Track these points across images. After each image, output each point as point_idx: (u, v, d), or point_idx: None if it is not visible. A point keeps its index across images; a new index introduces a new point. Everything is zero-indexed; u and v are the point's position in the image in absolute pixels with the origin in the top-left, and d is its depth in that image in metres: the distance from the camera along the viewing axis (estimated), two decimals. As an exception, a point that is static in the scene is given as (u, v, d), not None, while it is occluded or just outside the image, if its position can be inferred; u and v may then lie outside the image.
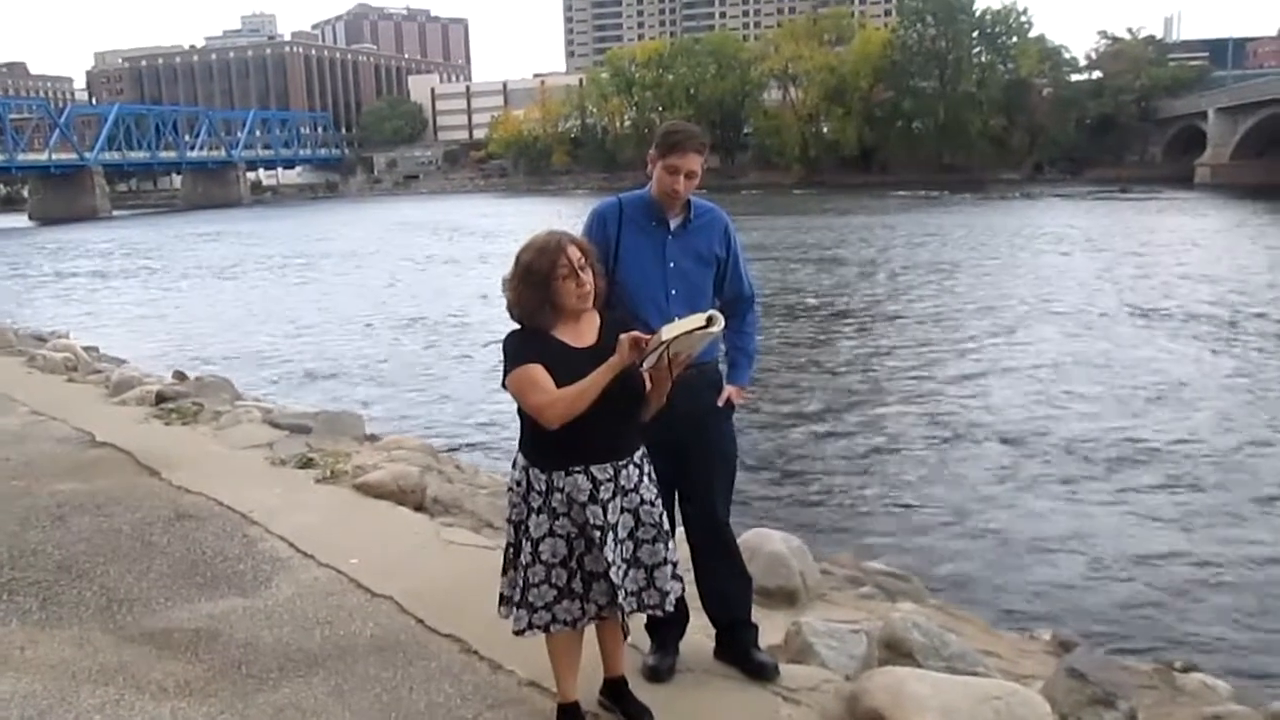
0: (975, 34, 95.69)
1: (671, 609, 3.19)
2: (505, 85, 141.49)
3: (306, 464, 6.45)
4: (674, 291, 3.42)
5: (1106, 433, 10.84)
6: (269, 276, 32.75)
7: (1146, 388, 12.89)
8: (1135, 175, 77.34)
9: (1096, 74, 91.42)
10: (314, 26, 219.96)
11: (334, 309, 23.57)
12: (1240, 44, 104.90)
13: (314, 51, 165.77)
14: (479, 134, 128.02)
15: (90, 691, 3.57)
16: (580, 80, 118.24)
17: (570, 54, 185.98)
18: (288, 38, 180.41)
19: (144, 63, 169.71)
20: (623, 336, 2.84)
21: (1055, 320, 18.40)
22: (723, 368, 3.65)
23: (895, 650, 3.84)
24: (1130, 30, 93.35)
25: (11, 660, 3.83)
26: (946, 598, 5.99)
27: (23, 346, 12.18)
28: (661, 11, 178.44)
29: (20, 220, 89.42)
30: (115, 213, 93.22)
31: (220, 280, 32.16)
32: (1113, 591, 6.96)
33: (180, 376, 10.91)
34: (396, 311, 22.55)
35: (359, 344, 18.48)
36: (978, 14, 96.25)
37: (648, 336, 2.84)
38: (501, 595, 3.19)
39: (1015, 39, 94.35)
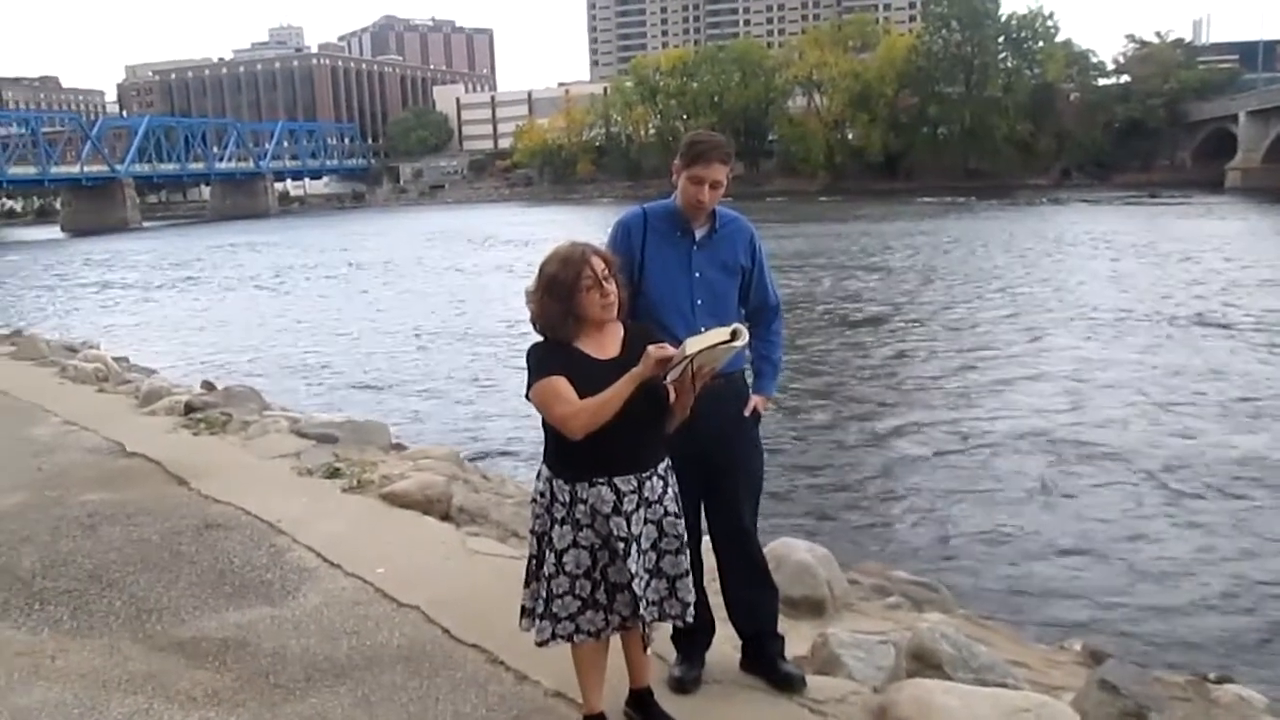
0: (1001, 39, 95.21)
1: (692, 619, 3.18)
2: (530, 95, 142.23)
3: (333, 473, 6.48)
4: (699, 302, 3.41)
5: (1136, 440, 10.72)
6: (296, 287, 32.99)
7: (1180, 395, 12.74)
8: (1164, 180, 76.63)
9: (1124, 78, 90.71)
10: (340, 38, 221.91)
11: (360, 319, 23.70)
12: (1271, 46, 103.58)
13: (340, 63, 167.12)
14: (504, 143, 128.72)
15: (120, 700, 3.60)
16: (605, 89, 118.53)
17: (595, 63, 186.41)
18: (314, 50, 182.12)
19: (174, 75, 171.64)
20: (649, 349, 2.84)
21: (1086, 327, 18.23)
22: (748, 377, 3.64)
23: (923, 661, 3.80)
24: (1158, 33, 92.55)
25: (43, 669, 3.87)
26: (974, 608, 5.93)
27: (55, 357, 12.31)
28: (685, 20, 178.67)
29: (53, 232, 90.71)
30: (145, 224, 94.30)
31: (248, 291, 32.43)
32: (1144, 602, 6.86)
33: (209, 387, 10.99)
34: (422, 321, 22.65)
35: (385, 353, 18.57)
36: (1003, 19, 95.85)
37: (672, 351, 2.83)
38: (523, 608, 3.19)
39: (1041, 43, 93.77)
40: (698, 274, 3.44)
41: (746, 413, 3.51)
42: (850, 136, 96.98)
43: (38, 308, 29.85)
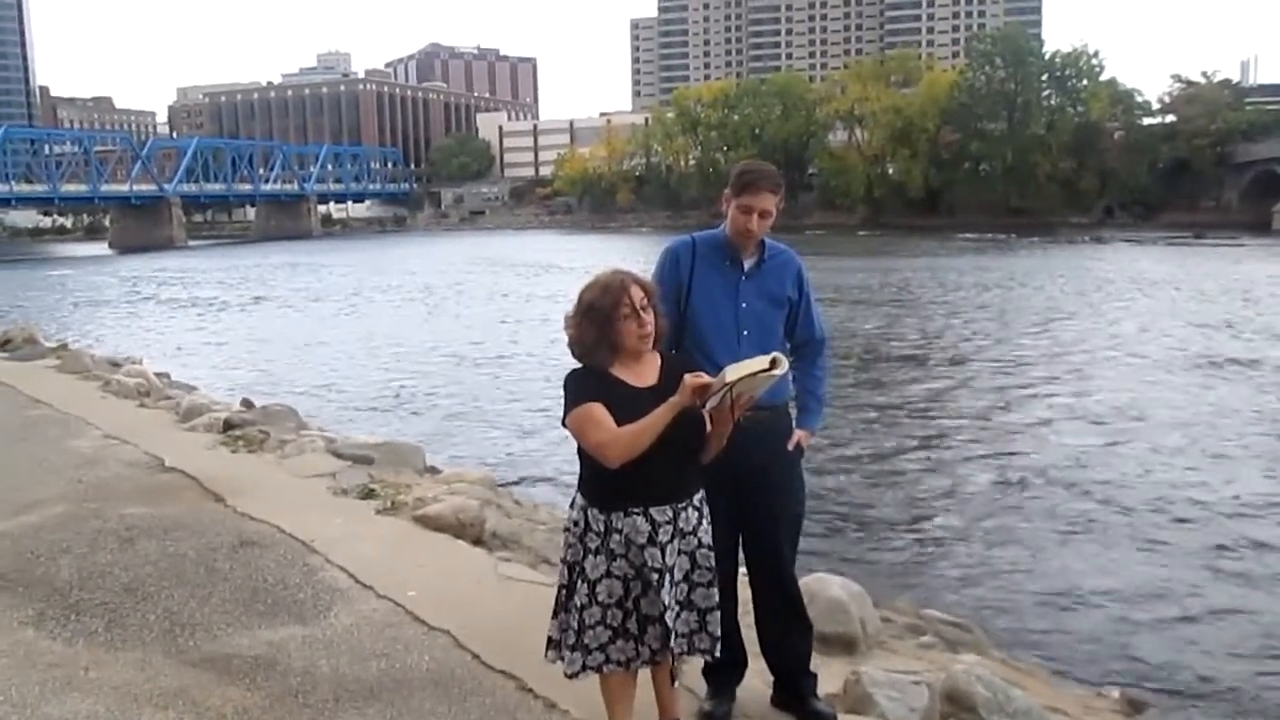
0: (1045, 77, 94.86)
1: (720, 654, 3.15)
2: (572, 123, 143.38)
3: (368, 494, 6.51)
4: (746, 332, 3.40)
5: (1178, 485, 10.53)
6: (337, 308, 33.34)
7: (1225, 441, 12.50)
8: (1210, 221, 75.67)
9: (1170, 118, 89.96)
10: (387, 64, 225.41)
11: (399, 341, 23.88)
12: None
13: (386, 89, 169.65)
14: (545, 171, 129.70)
15: (150, 715, 3.62)
16: (646, 119, 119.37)
17: (636, 93, 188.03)
18: (361, 75, 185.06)
19: (223, 98, 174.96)
20: (686, 378, 2.83)
21: (1128, 369, 17.99)
22: (792, 410, 3.62)
23: (958, 704, 3.74)
24: (1205, 74, 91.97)
25: (76, 680, 3.90)
26: (1009, 650, 5.84)
27: (98, 371, 12.49)
28: (728, 52, 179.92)
29: (101, 248, 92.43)
30: (191, 243, 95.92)
31: (289, 310, 32.82)
32: (1183, 651, 6.71)
33: (247, 404, 11.10)
34: (460, 345, 22.78)
35: (422, 376, 18.68)
36: (1047, 56, 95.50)
37: (710, 379, 2.82)
38: (550, 639, 3.17)
39: (1086, 82, 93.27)
40: (744, 304, 3.44)
41: (790, 446, 3.48)
42: (891, 171, 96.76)
43: (83, 322, 30.35)
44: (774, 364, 2.79)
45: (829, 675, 3.86)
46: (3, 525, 5.85)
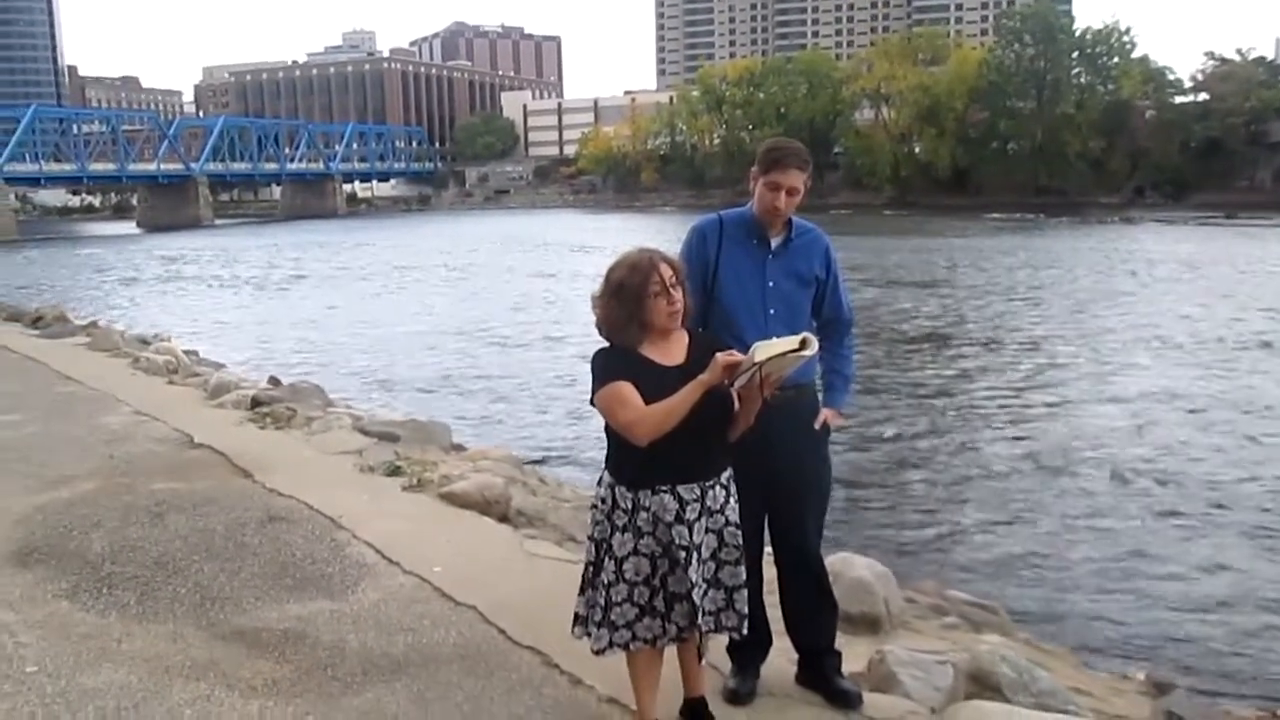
0: (1075, 54, 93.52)
1: (747, 632, 3.16)
2: (596, 102, 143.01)
3: (394, 472, 6.56)
4: (773, 311, 3.38)
5: (1207, 467, 10.44)
6: (362, 285, 33.50)
7: (1253, 424, 12.37)
8: (1243, 201, 74.50)
9: (1203, 96, 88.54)
10: (412, 43, 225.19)
11: (424, 319, 23.99)
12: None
13: (411, 67, 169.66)
14: (569, 150, 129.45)
15: (182, 686, 3.67)
16: (670, 98, 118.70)
17: (661, 71, 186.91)
18: (386, 54, 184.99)
19: (249, 77, 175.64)
20: (718, 356, 2.82)
21: (1156, 350, 17.83)
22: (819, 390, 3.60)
23: (982, 684, 3.73)
24: (1239, 51, 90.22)
25: (109, 651, 3.96)
26: (1033, 631, 5.82)
27: (128, 349, 12.63)
28: (754, 30, 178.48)
29: (129, 227, 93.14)
30: (217, 221, 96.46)
31: (315, 288, 33.00)
32: (1209, 632, 6.67)
33: (275, 382, 11.20)
34: (485, 324, 22.84)
35: (448, 354, 18.76)
36: (1078, 34, 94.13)
37: (740, 357, 2.82)
38: (577, 615, 3.18)
39: (1117, 60, 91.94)
40: (771, 283, 3.42)
41: (817, 426, 3.47)
42: (918, 150, 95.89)
43: (113, 300, 30.66)
44: (804, 344, 2.78)
45: (853, 654, 3.87)
46: (36, 500, 5.94)
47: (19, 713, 3.49)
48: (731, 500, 3.09)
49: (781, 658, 3.67)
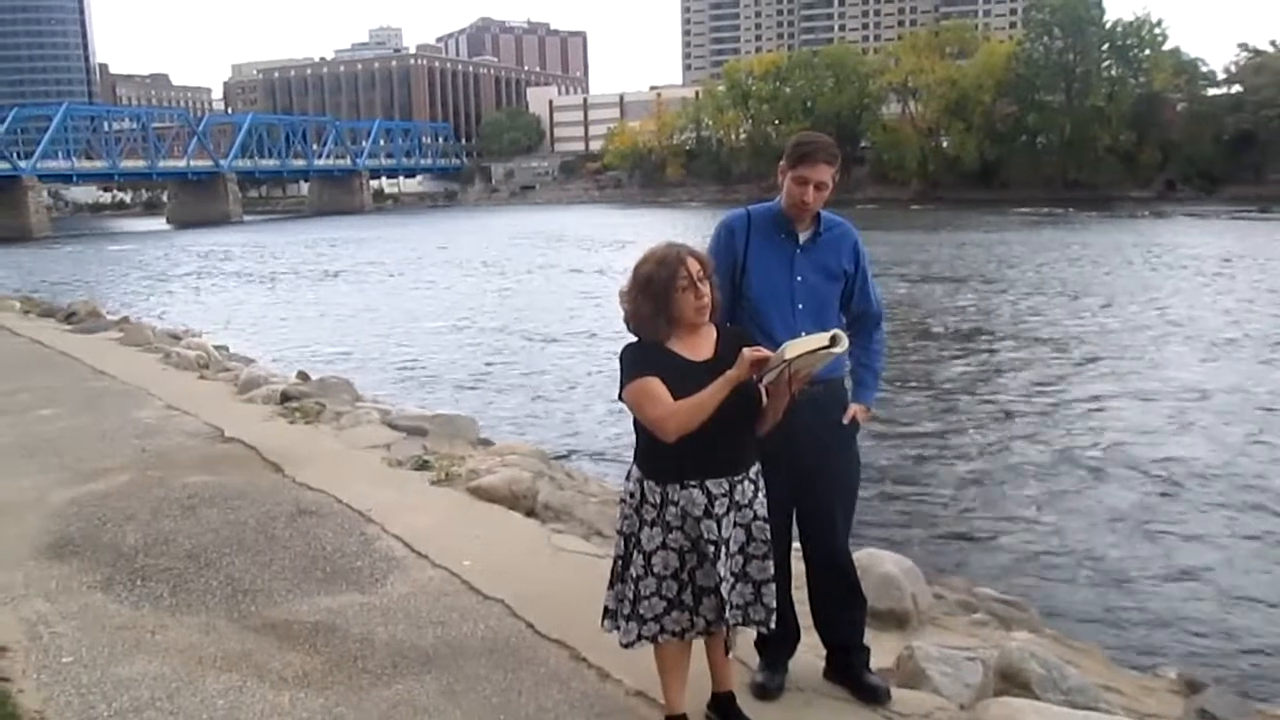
0: (1105, 46, 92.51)
1: (774, 626, 3.16)
2: (622, 97, 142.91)
3: (422, 466, 6.59)
4: (801, 306, 3.37)
5: (1237, 465, 10.32)
6: (390, 281, 33.67)
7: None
8: (1276, 194, 73.52)
9: (1236, 88, 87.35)
10: (438, 39, 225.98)
11: (451, 315, 24.07)
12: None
13: (437, 63, 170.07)
14: (595, 145, 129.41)
15: (215, 677, 3.72)
16: (696, 93, 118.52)
17: (687, 66, 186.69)
18: (412, 50, 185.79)
19: (277, 74, 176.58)
20: (745, 351, 2.82)
21: (1190, 347, 17.62)
22: (848, 385, 3.59)
23: (1011, 680, 3.71)
24: (1274, 42, 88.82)
25: (143, 643, 4.01)
26: (1063, 629, 5.77)
27: (159, 344, 12.76)
28: (780, 24, 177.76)
29: (159, 223, 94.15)
30: (246, 218, 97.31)
31: (344, 284, 33.21)
32: (1241, 631, 6.60)
33: (304, 377, 11.27)
34: (511, 319, 22.91)
35: (475, 349, 18.84)
36: (1108, 26, 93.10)
37: (768, 353, 2.81)
38: (606, 609, 3.19)
39: (1148, 52, 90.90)
40: (800, 278, 3.40)
41: (845, 421, 3.46)
42: (945, 145, 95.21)
43: (144, 296, 30.99)
44: (834, 341, 2.77)
45: (881, 650, 3.86)
46: (71, 493, 6.02)
47: (56, 702, 3.54)
48: (760, 495, 3.09)
49: (810, 653, 3.67)
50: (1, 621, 4.21)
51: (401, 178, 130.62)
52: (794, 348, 2.76)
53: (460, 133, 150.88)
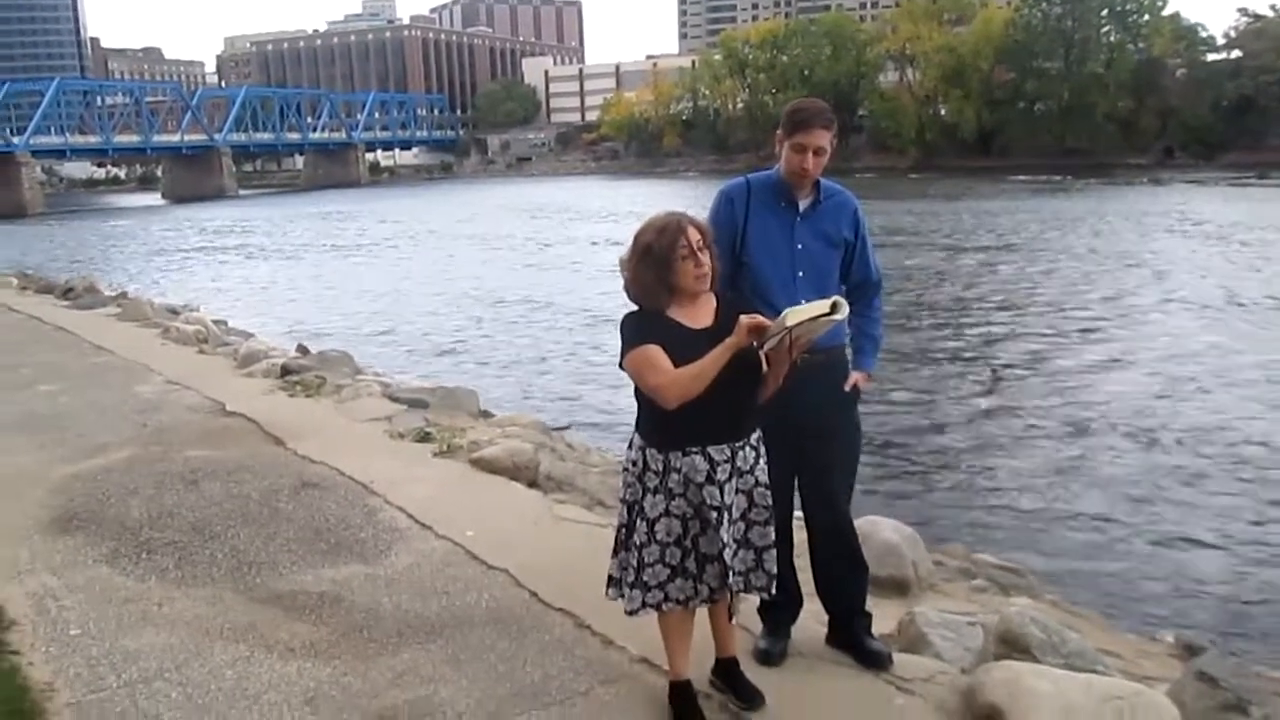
0: (1104, 12, 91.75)
1: (776, 592, 3.18)
2: (618, 67, 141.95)
3: (424, 438, 6.61)
4: (801, 274, 3.38)
5: (1234, 429, 10.36)
6: (388, 254, 33.61)
7: (1283, 383, 12.26)
8: (1275, 160, 73.17)
9: (1235, 53, 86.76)
10: (432, 10, 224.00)
11: (451, 287, 24.06)
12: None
13: (431, 35, 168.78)
14: (591, 116, 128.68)
15: (223, 648, 3.75)
16: (693, 62, 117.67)
17: (683, 35, 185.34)
18: (406, 21, 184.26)
19: (270, 47, 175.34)
20: (742, 319, 2.83)
21: (1187, 314, 17.63)
22: (848, 353, 3.60)
23: (1011, 645, 3.74)
24: (1274, 7, 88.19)
25: (151, 615, 4.04)
26: (1062, 594, 5.82)
27: (158, 319, 12.75)
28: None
29: (154, 198, 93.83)
30: (241, 192, 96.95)
31: (341, 257, 33.15)
32: (1238, 595, 6.65)
33: (304, 350, 11.28)
34: (511, 291, 22.89)
35: (474, 322, 18.84)
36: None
37: (766, 320, 2.82)
38: (610, 577, 3.21)
39: (1147, 17, 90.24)
40: (800, 245, 3.41)
41: (847, 388, 3.47)
42: (943, 112, 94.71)
43: (141, 271, 30.94)
44: (834, 308, 2.77)
45: (882, 616, 3.89)
46: (75, 468, 6.04)
47: (65, 674, 3.57)
48: (761, 461, 3.11)
49: (812, 619, 3.70)
50: (9, 595, 4.24)
51: (397, 150, 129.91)
52: (795, 314, 2.77)
53: (455, 104, 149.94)
